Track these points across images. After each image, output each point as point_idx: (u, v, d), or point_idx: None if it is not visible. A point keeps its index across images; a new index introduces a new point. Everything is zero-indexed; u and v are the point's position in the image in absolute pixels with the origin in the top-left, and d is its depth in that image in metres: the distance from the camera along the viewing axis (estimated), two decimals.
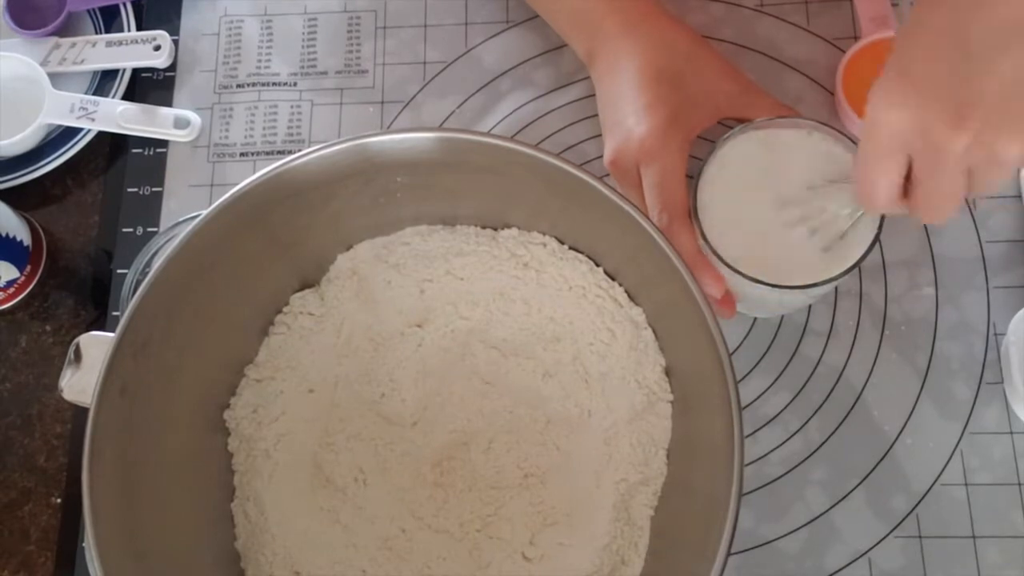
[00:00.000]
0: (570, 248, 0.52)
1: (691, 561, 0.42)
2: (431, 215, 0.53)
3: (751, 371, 0.55)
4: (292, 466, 0.50)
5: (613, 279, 0.51)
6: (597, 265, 0.51)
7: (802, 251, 0.46)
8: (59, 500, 0.56)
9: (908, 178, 0.40)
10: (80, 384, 0.45)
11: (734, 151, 0.48)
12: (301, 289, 0.53)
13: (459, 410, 0.50)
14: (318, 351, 0.51)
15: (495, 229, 0.53)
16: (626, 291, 0.51)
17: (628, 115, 0.50)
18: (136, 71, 0.64)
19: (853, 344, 0.55)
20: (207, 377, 0.50)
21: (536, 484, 0.49)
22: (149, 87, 0.64)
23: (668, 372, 0.49)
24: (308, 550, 0.48)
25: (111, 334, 0.44)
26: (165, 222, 0.61)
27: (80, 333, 0.59)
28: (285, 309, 0.52)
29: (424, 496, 0.49)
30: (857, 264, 0.45)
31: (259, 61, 0.64)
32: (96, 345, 0.45)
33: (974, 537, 0.51)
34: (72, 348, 0.45)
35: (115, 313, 0.58)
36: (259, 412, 0.50)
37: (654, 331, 0.50)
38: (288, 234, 0.49)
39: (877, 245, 0.46)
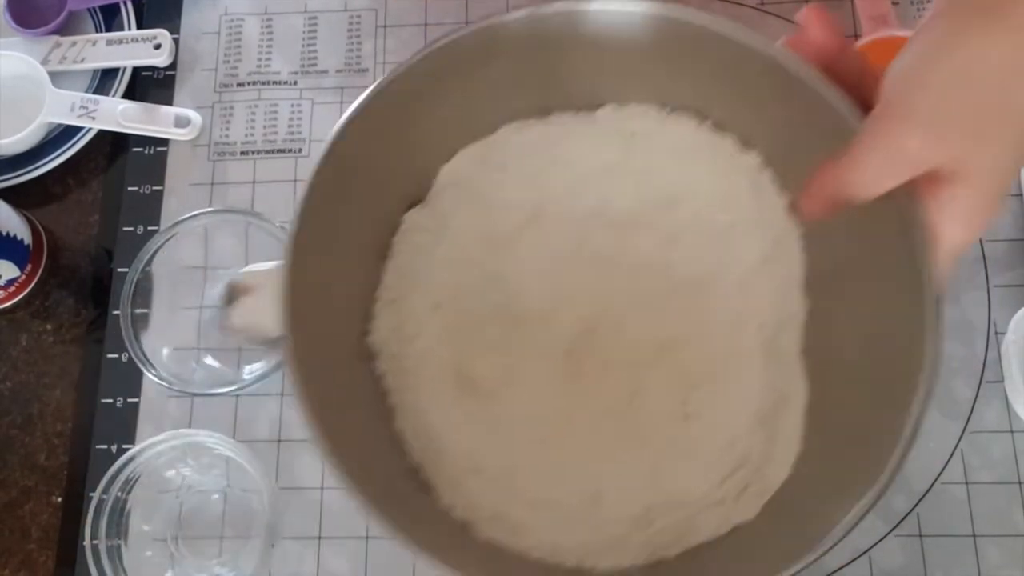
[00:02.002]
0: (670, 112, 0.51)
1: (868, 384, 0.42)
2: (525, 110, 0.52)
3: None
4: (438, 379, 0.50)
5: (723, 130, 0.50)
6: (703, 120, 0.50)
7: None
8: (60, 499, 0.56)
9: None
10: (245, 320, 0.45)
11: None
12: (410, 207, 0.52)
13: (585, 295, 0.50)
14: (438, 264, 0.51)
15: (591, 111, 0.52)
16: (737, 139, 0.50)
17: None
18: (136, 70, 0.64)
19: None
20: (347, 307, 0.50)
21: (673, 352, 0.49)
22: (149, 86, 0.64)
23: (793, 208, 0.49)
24: (477, 452, 0.49)
25: (272, 264, 0.44)
26: (166, 221, 0.61)
27: (80, 332, 0.59)
28: (400, 229, 0.52)
29: (564, 388, 0.49)
30: None
31: (259, 60, 0.65)
32: (253, 278, 0.45)
33: (974, 536, 0.51)
34: (226, 289, 0.45)
35: (115, 312, 0.58)
36: (397, 332, 0.50)
37: (773, 171, 0.49)
38: (394, 151, 0.49)
39: None
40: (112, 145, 0.63)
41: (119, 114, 0.62)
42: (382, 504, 0.41)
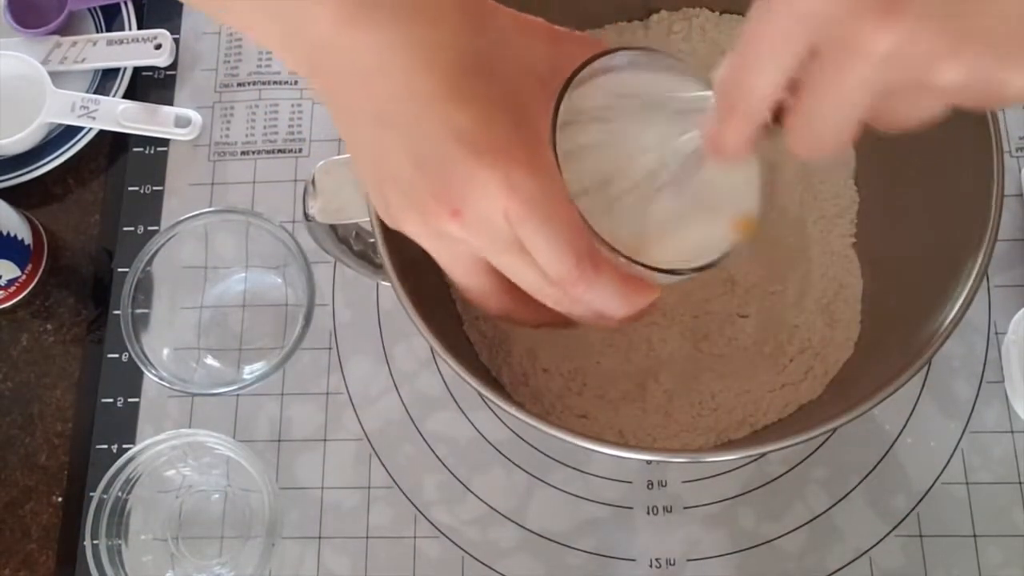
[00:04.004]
0: (722, 13, 0.53)
1: (927, 265, 0.45)
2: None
3: None
4: None
5: None
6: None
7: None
8: (60, 499, 0.56)
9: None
10: (327, 207, 0.45)
11: (583, 126, 0.34)
12: None
13: None
14: None
15: (641, 20, 0.54)
16: None
17: (442, 143, 0.30)
18: (137, 70, 0.64)
19: None
20: None
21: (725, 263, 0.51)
22: (150, 86, 0.64)
23: None
24: (545, 349, 0.50)
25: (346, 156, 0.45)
26: (166, 221, 0.61)
27: (81, 332, 0.59)
28: None
29: None
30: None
31: (260, 60, 0.64)
32: (330, 171, 0.45)
33: (975, 536, 0.51)
34: (310, 179, 0.45)
35: (116, 312, 0.58)
36: None
37: None
38: None
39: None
40: (112, 145, 0.63)
41: (119, 114, 0.62)
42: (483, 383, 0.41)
